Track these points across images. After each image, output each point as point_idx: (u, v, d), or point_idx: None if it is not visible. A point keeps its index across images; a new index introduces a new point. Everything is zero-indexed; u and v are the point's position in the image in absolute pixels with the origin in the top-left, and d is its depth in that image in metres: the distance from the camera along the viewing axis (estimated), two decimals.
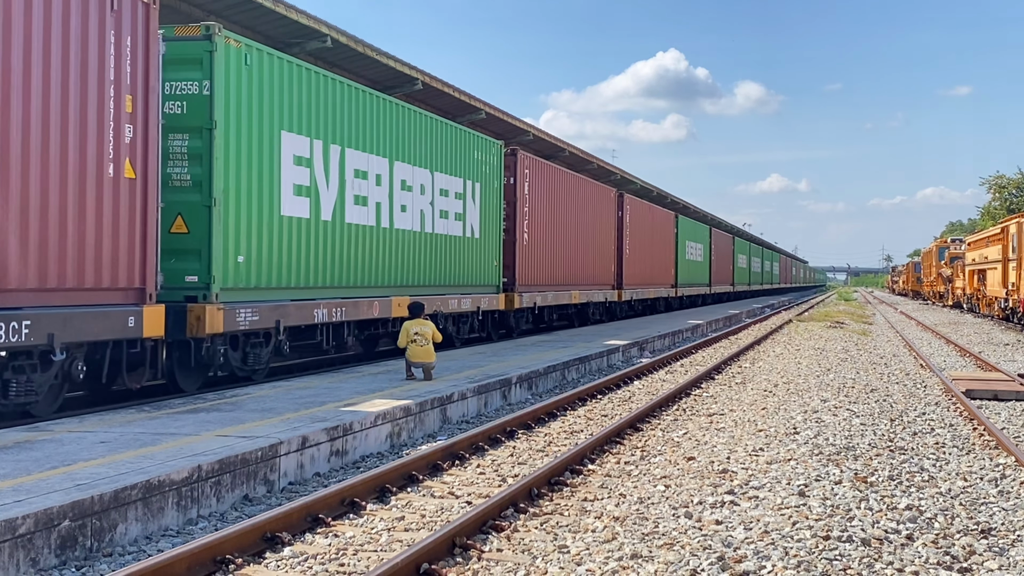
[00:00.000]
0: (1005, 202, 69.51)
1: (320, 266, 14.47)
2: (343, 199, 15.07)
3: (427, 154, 18.16)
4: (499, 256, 22.03)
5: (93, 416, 10.03)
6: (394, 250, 16.85)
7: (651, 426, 11.75)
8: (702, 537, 6.47)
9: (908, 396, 14.57)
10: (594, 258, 30.42)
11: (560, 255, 26.69)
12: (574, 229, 28.17)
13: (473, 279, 20.49)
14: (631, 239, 34.68)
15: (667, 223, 42.29)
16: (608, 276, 32.06)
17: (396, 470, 8.46)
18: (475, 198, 20.58)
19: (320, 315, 14.21)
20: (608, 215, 32.17)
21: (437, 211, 18.57)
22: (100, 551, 6.45)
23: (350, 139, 15.34)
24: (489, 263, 21.39)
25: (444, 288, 18.92)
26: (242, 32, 16.01)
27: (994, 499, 7.94)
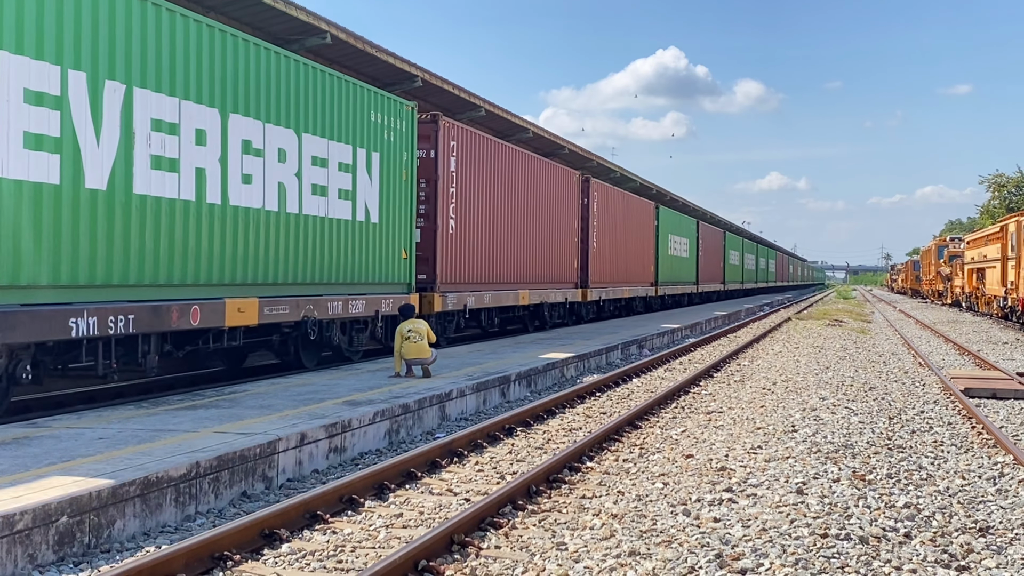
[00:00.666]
0: (1004, 201, 69.52)
1: (86, 255, 10.14)
2: (129, 159, 10.69)
3: (292, 109, 13.73)
4: (410, 247, 17.49)
5: (91, 412, 10.03)
6: (230, 236, 12.44)
7: (649, 424, 11.75)
8: (700, 535, 6.48)
9: (907, 394, 14.57)
10: (550, 252, 26.24)
11: (502, 248, 22.59)
12: (522, 217, 23.96)
13: (368, 275, 15.99)
14: (600, 230, 30.71)
15: (645, 214, 38.10)
16: (570, 273, 28.08)
17: (394, 467, 8.46)
18: (372, 172, 16.05)
19: (84, 327, 9.90)
20: (569, 202, 28.11)
21: (307, 186, 14.11)
22: (98, 547, 6.45)
23: (144, 75, 10.92)
24: (393, 256, 16.88)
25: (322, 287, 14.63)
26: (240, 28, 15.99)
27: (992, 497, 7.94)
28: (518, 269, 23.70)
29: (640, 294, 36.93)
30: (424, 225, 18.66)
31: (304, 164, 14.07)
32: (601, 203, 30.95)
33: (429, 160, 18.86)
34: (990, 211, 71.13)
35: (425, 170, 18.71)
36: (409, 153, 17.53)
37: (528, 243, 24.49)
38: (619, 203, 33.64)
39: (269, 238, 13.23)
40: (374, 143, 16.20)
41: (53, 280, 9.79)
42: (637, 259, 36.48)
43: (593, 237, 29.87)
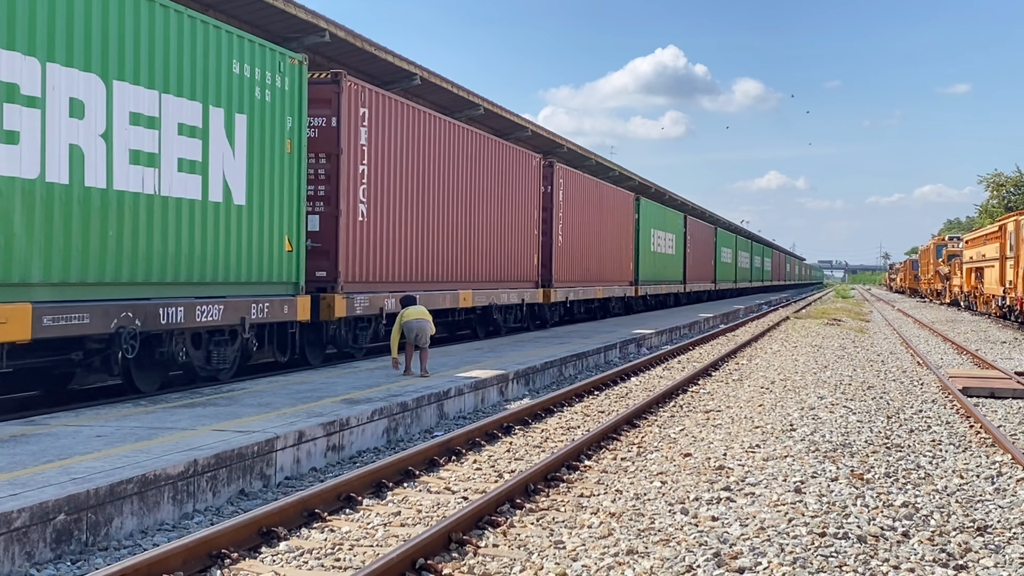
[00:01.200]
0: (1003, 200, 69.52)
1: None
2: None
3: (97, 47, 10.31)
4: (297, 237, 13.99)
5: (89, 410, 10.02)
6: None
7: (648, 422, 11.75)
8: (698, 533, 6.47)
9: (905, 393, 14.58)
10: (501, 246, 22.74)
11: (436, 240, 19.00)
12: (464, 204, 20.54)
13: (228, 272, 12.41)
14: (567, 223, 27.50)
15: (624, 206, 34.77)
16: (528, 270, 24.62)
17: (392, 465, 8.45)
18: (235, 139, 12.51)
19: None
20: (528, 189, 24.64)
21: (121, 151, 10.66)
22: (95, 545, 6.45)
23: None
24: (270, 248, 13.30)
25: (151, 287, 11.20)
26: (239, 26, 15.98)
27: (990, 496, 7.94)
28: (458, 266, 20.13)
29: (617, 294, 33.69)
30: (324, 211, 15.19)
31: (116, 122, 10.56)
32: (569, 192, 27.61)
33: (329, 130, 15.23)
34: (989, 210, 71.16)
35: (324, 142, 15.18)
36: (296, 119, 13.88)
37: (472, 235, 20.98)
38: (591, 193, 30.34)
39: (52, 220, 9.79)
40: (239, 102, 12.56)
41: None
42: (613, 256, 33.33)
43: (559, 230, 26.71)
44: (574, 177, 28.62)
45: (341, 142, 15.25)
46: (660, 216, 40.95)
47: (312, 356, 15.41)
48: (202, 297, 11.94)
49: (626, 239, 35.16)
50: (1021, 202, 65.49)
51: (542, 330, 25.38)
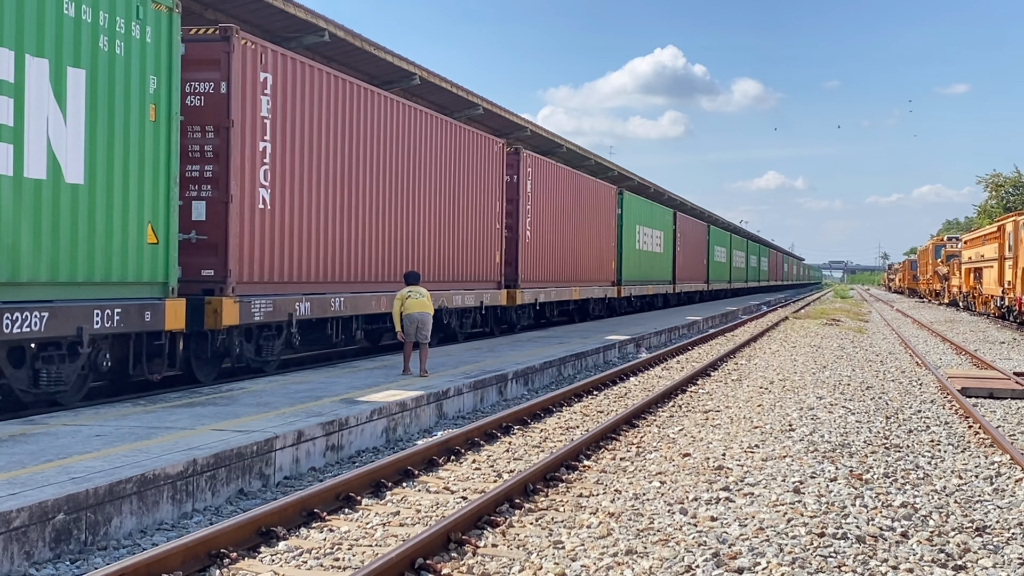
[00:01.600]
0: (1002, 200, 69.57)
1: None
2: None
3: None
4: (166, 227, 11.26)
5: (88, 409, 10.02)
6: None
7: (647, 422, 11.75)
8: (697, 533, 6.48)
9: (904, 394, 14.58)
10: (455, 241, 19.83)
11: (366, 234, 16.08)
12: (404, 192, 17.50)
13: (65, 270, 9.85)
14: (537, 216, 24.72)
15: (605, 200, 32.02)
16: (489, 269, 21.82)
17: (391, 465, 8.45)
18: (66, 100, 9.83)
19: None
20: (488, 178, 21.73)
21: None
22: (95, 545, 6.45)
23: None
24: (123, 239, 10.61)
25: None
26: (239, 26, 15.97)
27: (989, 497, 7.95)
28: (396, 263, 17.18)
29: (597, 295, 30.79)
30: (212, 196, 12.51)
31: None
32: (538, 182, 24.79)
33: (217, 97, 12.46)
34: (987, 211, 71.22)
35: (211, 112, 12.48)
36: (164, 80, 11.20)
37: (415, 229, 18.04)
38: (566, 184, 27.50)
39: None
40: (74, 53, 9.92)
41: None
42: (593, 253, 30.50)
43: (526, 224, 23.78)
44: (544, 166, 25.51)
45: (232, 112, 12.54)
46: (646, 212, 38.25)
47: (201, 372, 12.91)
48: (15, 302, 9.26)
49: (607, 236, 32.46)
50: (1020, 203, 65.53)
51: (507, 335, 22.47)
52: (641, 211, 37.04)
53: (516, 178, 23.28)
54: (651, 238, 38.56)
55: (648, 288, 38.08)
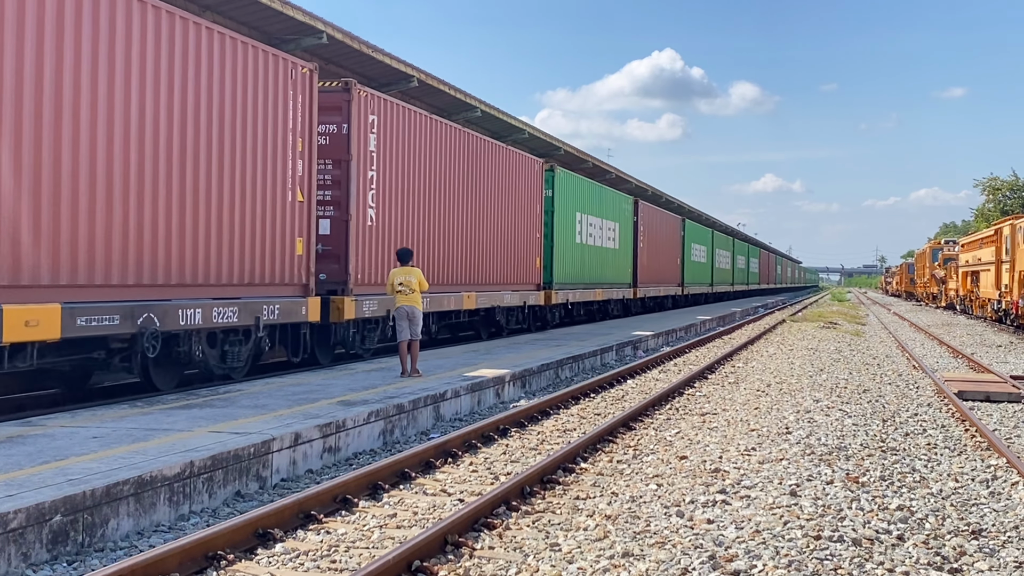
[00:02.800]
0: (999, 204, 69.70)
1: None
2: None
3: None
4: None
5: (85, 411, 10.02)
6: None
7: (644, 425, 11.76)
8: (693, 536, 6.49)
9: (900, 397, 14.60)
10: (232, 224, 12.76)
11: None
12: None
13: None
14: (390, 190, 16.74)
15: (527, 178, 24.27)
16: (285, 268, 13.93)
17: (389, 467, 8.46)
18: None
19: None
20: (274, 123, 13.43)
21: None
22: (92, 546, 6.45)
23: None
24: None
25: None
26: (237, 28, 16.00)
27: (985, 500, 7.97)
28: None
29: (510, 303, 22.85)
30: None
31: None
32: (395, 139, 16.90)
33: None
34: (984, 214, 71.32)
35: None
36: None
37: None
38: (454, 149, 19.66)
39: None
40: None
41: None
42: (506, 247, 22.84)
43: (365, 200, 15.83)
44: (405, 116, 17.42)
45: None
46: (593, 198, 30.26)
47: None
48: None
49: (530, 225, 24.68)
50: (1017, 206, 65.63)
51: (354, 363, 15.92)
52: (584, 195, 29.26)
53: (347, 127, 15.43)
54: (601, 231, 31.20)
55: (597, 292, 30.69)
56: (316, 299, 14.47)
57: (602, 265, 31.44)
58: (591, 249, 30.10)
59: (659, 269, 40.97)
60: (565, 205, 27.31)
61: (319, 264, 14.93)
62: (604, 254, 31.71)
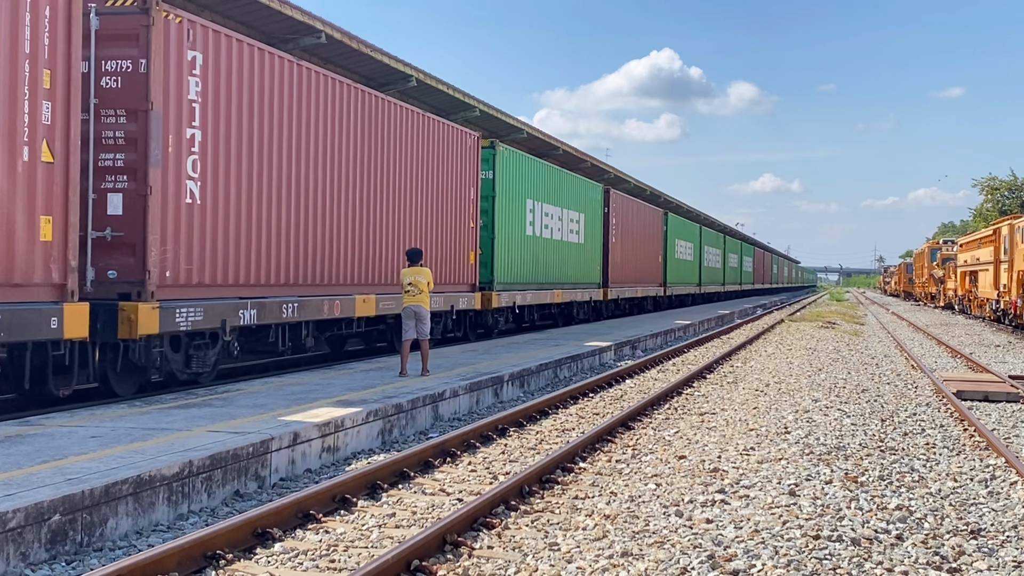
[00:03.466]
0: (997, 204, 69.75)
1: None
2: None
3: None
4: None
5: (84, 411, 10.01)
6: None
7: (642, 424, 11.76)
8: (692, 536, 6.48)
9: (899, 397, 14.61)
10: None
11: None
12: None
13: None
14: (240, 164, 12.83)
15: (457, 155, 19.83)
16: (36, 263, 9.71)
17: (387, 467, 8.46)
18: None
19: None
20: None
21: None
22: (90, 546, 6.44)
23: None
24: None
25: None
26: (235, 27, 15.98)
27: (984, 500, 7.97)
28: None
29: (442, 307, 18.86)
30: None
31: None
32: (234, 87, 12.65)
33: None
34: (983, 214, 71.37)
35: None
36: None
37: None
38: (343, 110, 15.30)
39: None
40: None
41: None
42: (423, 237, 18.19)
43: (180, 168, 11.78)
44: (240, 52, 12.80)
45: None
46: (549, 182, 25.73)
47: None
48: None
49: (460, 211, 20.17)
50: (1015, 206, 65.68)
51: None
52: (537, 180, 24.74)
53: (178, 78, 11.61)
54: (561, 223, 26.92)
55: (555, 294, 26.15)
56: (80, 306, 10.12)
57: (561, 262, 27.18)
58: (548, 244, 25.87)
59: (636, 267, 36.43)
60: (510, 190, 22.76)
61: (106, 256, 11.07)
62: (565, 250, 27.53)
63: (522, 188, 23.73)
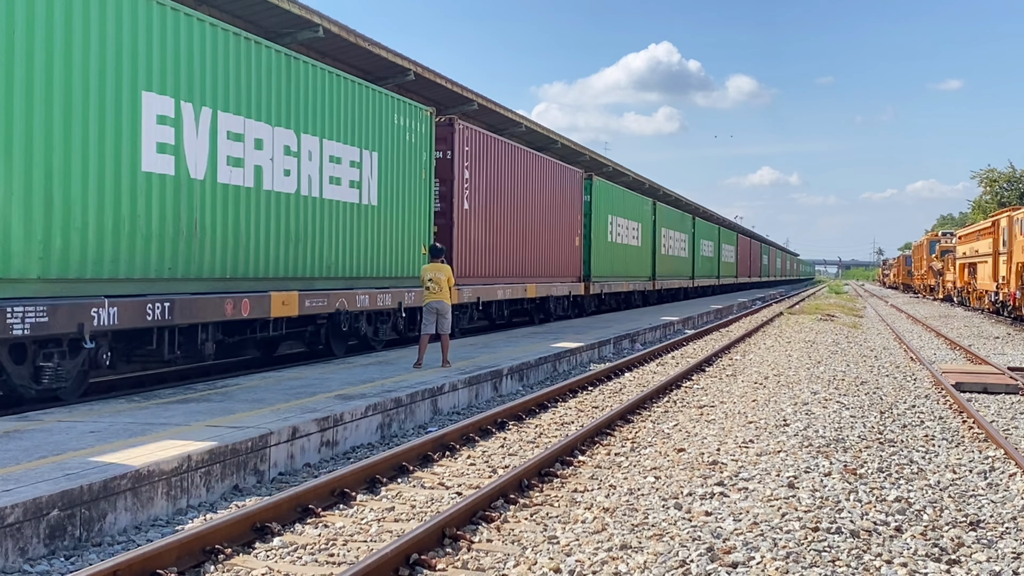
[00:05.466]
0: (996, 196, 69.76)
1: None
2: None
3: None
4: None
5: (82, 406, 10.00)
6: None
7: (641, 417, 11.76)
8: (691, 528, 6.48)
9: (898, 389, 14.61)
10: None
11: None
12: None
13: None
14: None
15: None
16: None
17: (386, 461, 8.45)
18: None
19: None
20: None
21: None
22: (89, 541, 6.44)
23: None
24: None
25: None
26: (231, 21, 15.95)
27: (983, 491, 7.97)
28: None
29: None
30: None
31: None
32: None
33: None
34: (982, 206, 71.39)
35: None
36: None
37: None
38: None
39: None
40: None
41: None
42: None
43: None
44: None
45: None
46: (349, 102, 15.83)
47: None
48: None
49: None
50: (1014, 197, 65.69)
51: None
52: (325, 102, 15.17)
53: None
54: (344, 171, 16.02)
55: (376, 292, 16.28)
56: None
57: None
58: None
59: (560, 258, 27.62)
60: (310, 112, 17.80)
61: None
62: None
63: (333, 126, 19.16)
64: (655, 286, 40.00)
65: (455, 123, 20.11)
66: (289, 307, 13.63)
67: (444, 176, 19.59)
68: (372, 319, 16.65)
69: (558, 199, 27.28)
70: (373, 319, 16.70)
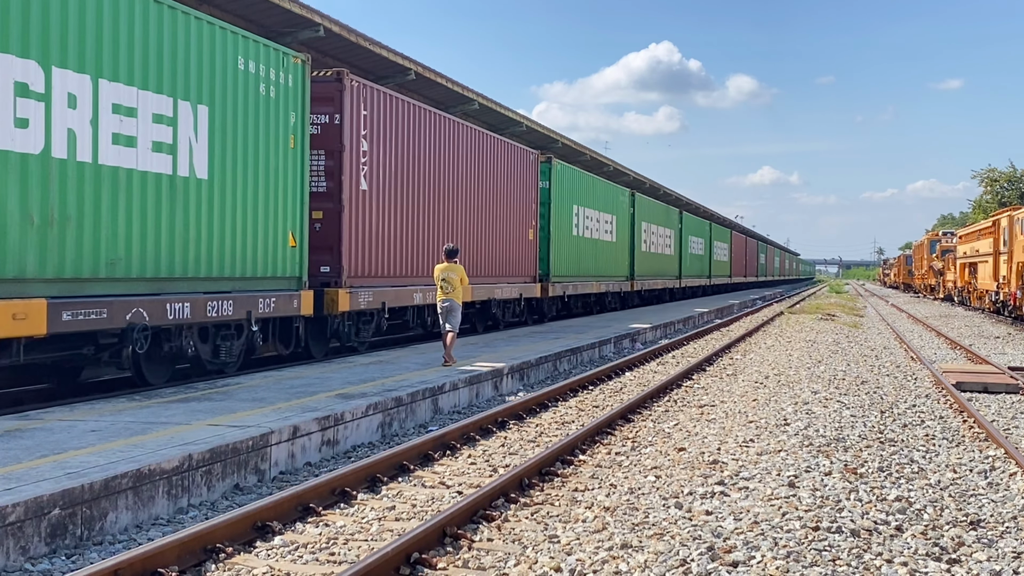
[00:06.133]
0: (996, 195, 69.77)
1: None
2: None
3: None
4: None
5: (84, 404, 10.01)
6: None
7: (642, 417, 11.76)
8: (692, 527, 6.49)
9: (898, 388, 14.61)
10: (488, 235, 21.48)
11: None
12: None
13: None
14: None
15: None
16: None
17: (387, 460, 8.46)
18: None
19: None
20: None
21: None
22: (90, 539, 6.45)
23: None
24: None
25: None
26: (232, 20, 15.95)
27: (983, 491, 7.97)
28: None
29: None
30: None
31: None
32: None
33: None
34: (982, 206, 71.39)
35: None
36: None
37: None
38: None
39: None
40: None
41: None
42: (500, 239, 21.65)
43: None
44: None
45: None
46: None
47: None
48: None
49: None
50: (1015, 197, 65.69)
51: None
52: None
53: None
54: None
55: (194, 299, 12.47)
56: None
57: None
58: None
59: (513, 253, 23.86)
60: None
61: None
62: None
63: None
64: (634, 287, 35.87)
65: (345, 78, 15.28)
66: (28, 323, 9.31)
67: (331, 147, 15.28)
68: (209, 335, 12.59)
69: (504, 183, 22.90)
70: (211, 335, 12.62)
